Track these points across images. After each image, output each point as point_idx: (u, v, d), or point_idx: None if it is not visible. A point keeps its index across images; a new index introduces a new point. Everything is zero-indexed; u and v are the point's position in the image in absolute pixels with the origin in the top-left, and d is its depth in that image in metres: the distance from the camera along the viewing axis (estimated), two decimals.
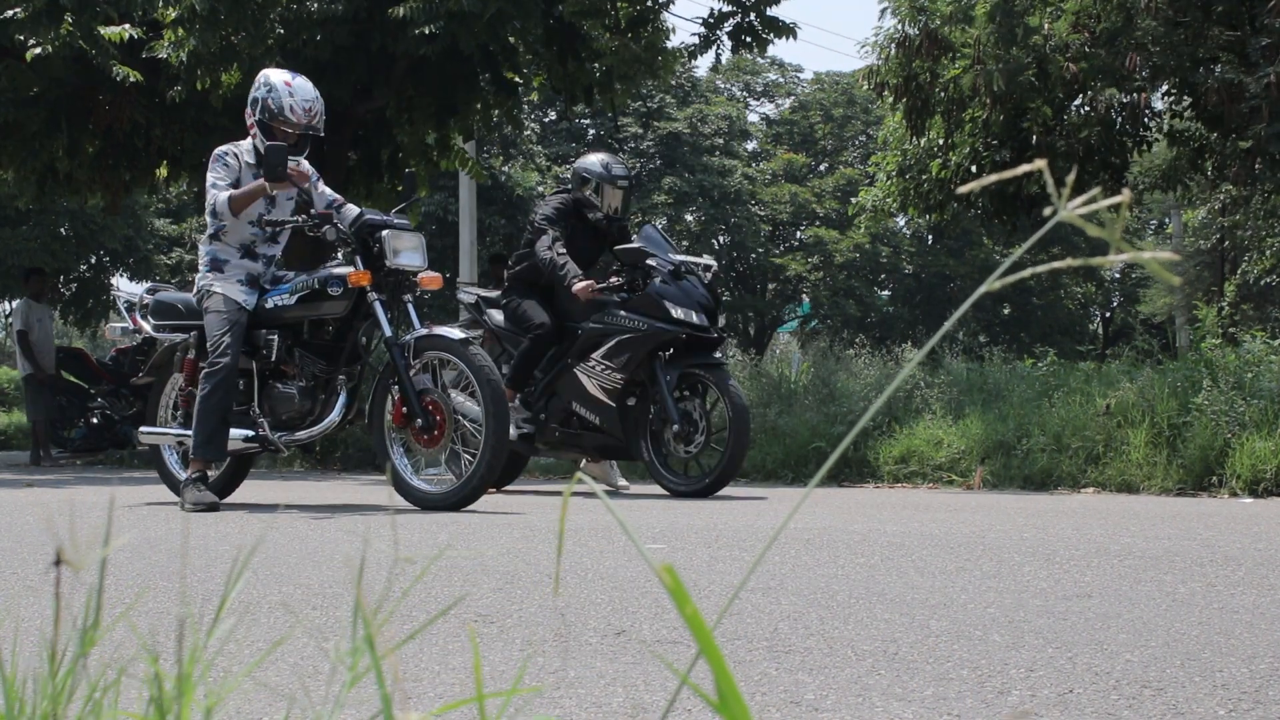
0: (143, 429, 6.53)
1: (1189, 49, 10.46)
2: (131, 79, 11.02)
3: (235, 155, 5.97)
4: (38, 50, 10.55)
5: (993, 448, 7.92)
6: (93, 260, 24.73)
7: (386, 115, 12.76)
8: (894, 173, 13.24)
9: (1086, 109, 11.73)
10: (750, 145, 41.97)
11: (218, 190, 5.87)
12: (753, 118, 44.10)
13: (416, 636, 0.88)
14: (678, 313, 6.89)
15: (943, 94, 11.74)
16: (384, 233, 5.72)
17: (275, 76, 6.03)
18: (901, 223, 36.93)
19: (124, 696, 0.98)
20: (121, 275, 25.40)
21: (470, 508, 5.64)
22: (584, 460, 7.70)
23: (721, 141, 37.30)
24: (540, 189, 30.30)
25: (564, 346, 7.23)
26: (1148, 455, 7.23)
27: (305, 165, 6.10)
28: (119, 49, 10.90)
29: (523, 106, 13.80)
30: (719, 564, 3.48)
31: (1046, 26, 11.25)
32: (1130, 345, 10.20)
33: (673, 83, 25.13)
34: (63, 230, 22.98)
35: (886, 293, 41.57)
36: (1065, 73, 10.95)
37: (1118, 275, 39.74)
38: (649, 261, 7.08)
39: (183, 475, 6.31)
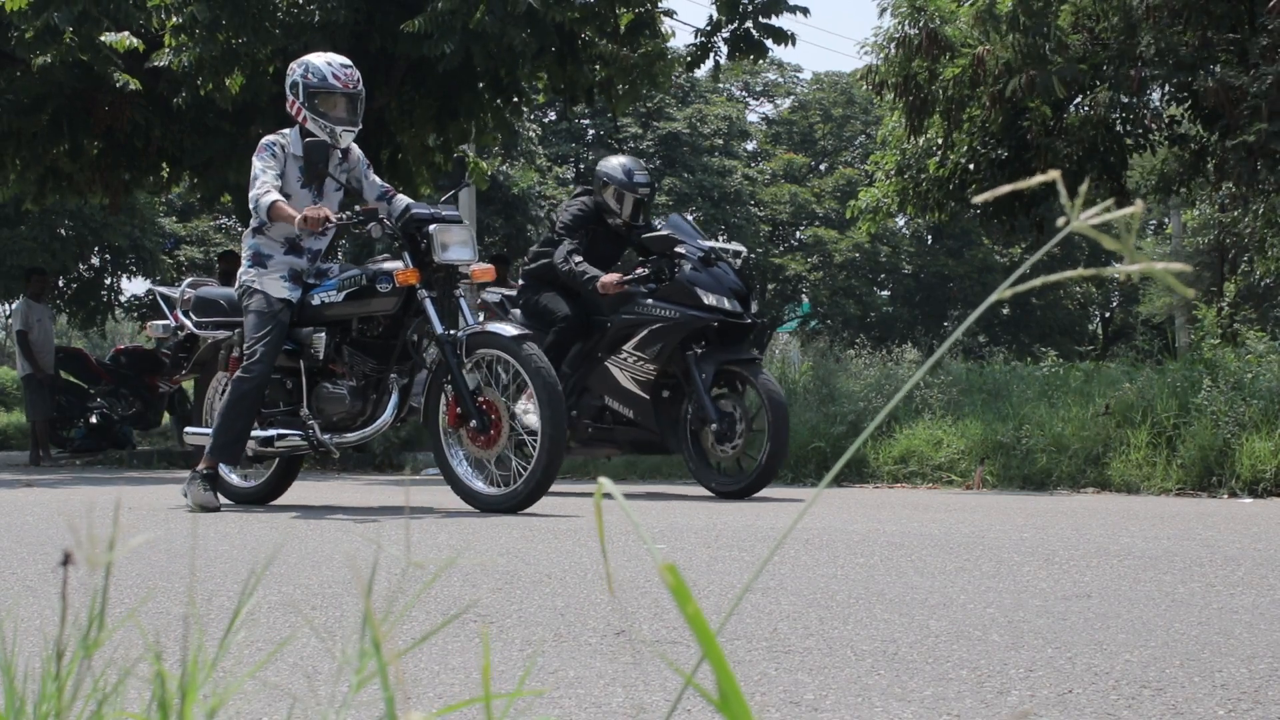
0: (187, 429, 6.29)
1: (1191, 56, 10.46)
2: (132, 86, 11.04)
3: (281, 147, 5.77)
4: (41, 61, 10.57)
5: (993, 448, 7.92)
6: (94, 261, 24.72)
7: (385, 116, 12.77)
8: (892, 172, 13.25)
9: (1086, 109, 11.73)
10: (750, 145, 41.99)
11: (264, 187, 5.63)
12: (752, 118, 44.12)
13: (422, 639, 0.89)
14: (710, 299, 6.65)
15: (941, 93, 11.74)
16: (431, 227, 5.50)
17: (306, 57, 5.89)
18: (901, 223, 36.95)
19: (126, 697, 0.99)
20: (127, 277, 25.39)
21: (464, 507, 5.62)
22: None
23: (721, 141, 37.31)
24: (540, 189, 30.29)
25: (592, 341, 7.02)
26: (1148, 455, 7.23)
27: (356, 151, 5.92)
28: (121, 57, 10.93)
29: (521, 112, 13.78)
30: (719, 564, 3.48)
31: (1050, 25, 11.26)
32: (1130, 345, 10.22)
33: (673, 81, 25.18)
34: (62, 230, 22.98)
35: (886, 293, 41.59)
36: (1065, 75, 10.95)
37: (1117, 275, 39.70)
38: (678, 249, 6.83)
39: (231, 477, 6.21)
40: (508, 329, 5.46)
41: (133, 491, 7.53)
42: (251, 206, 5.68)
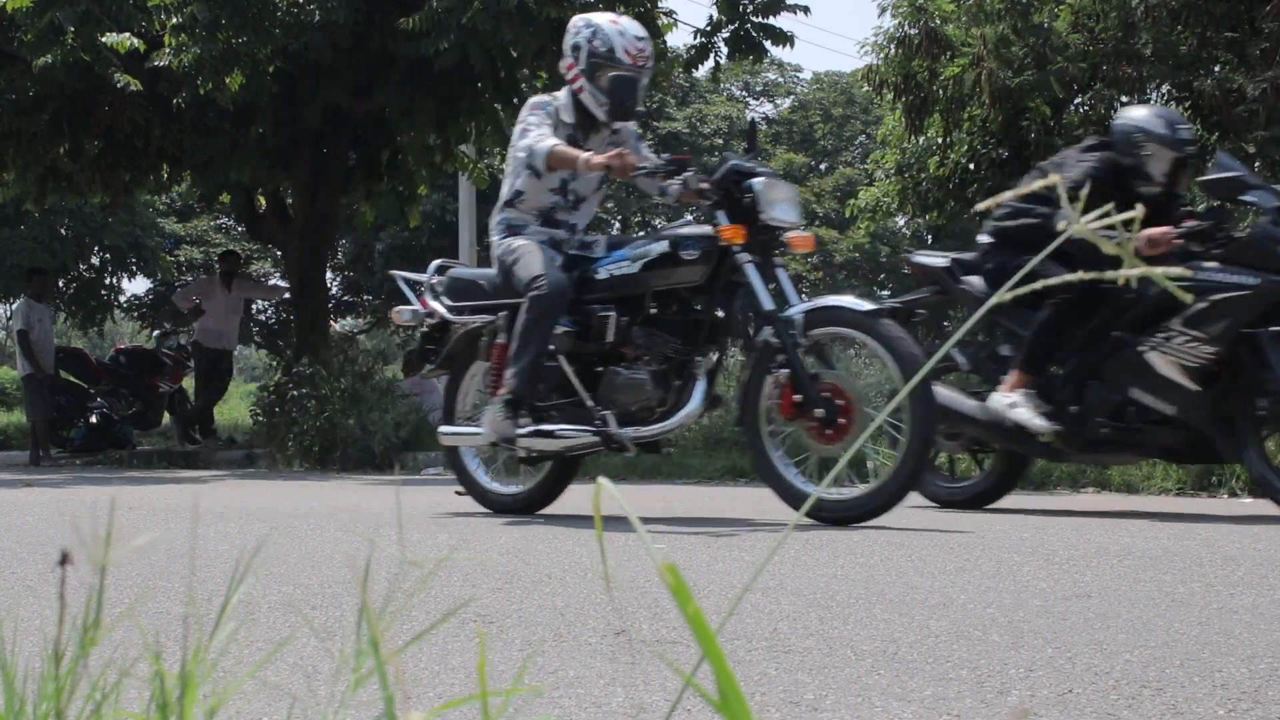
0: (442, 428, 5.50)
1: (1190, 57, 10.48)
2: (133, 87, 11.05)
3: (554, 108, 5.11)
4: (42, 62, 10.58)
5: None
6: (94, 261, 24.74)
7: (385, 116, 12.77)
8: (892, 171, 13.26)
9: (1085, 109, 11.74)
10: None
11: (540, 135, 4.97)
12: (752, 117, 44.09)
13: (417, 637, 0.88)
14: None
15: (941, 92, 11.76)
16: (756, 181, 4.74)
17: (597, 18, 5.19)
18: (901, 222, 36.95)
19: (125, 696, 0.99)
20: (127, 277, 25.42)
21: (461, 509, 5.61)
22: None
23: (721, 141, 37.30)
24: None
25: (1098, 318, 5.48)
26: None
27: (631, 126, 5.28)
28: (121, 57, 10.94)
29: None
30: (719, 564, 3.48)
31: (1046, 25, 11.28)
32: None
33: (672, 81, 25.28)
34: (63, 230, 23.01)
35: (886, 293, 41.58)
36: (1065, 74, 10.96)
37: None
38: (1247, 196, 5.38)
39: (488, 481, 5.51)
40: (858, 302, 4.69)
41: (133, 491, 7.52)
42: (514, 173, 5.09)
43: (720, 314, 4.92)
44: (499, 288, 5.19)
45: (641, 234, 4.97)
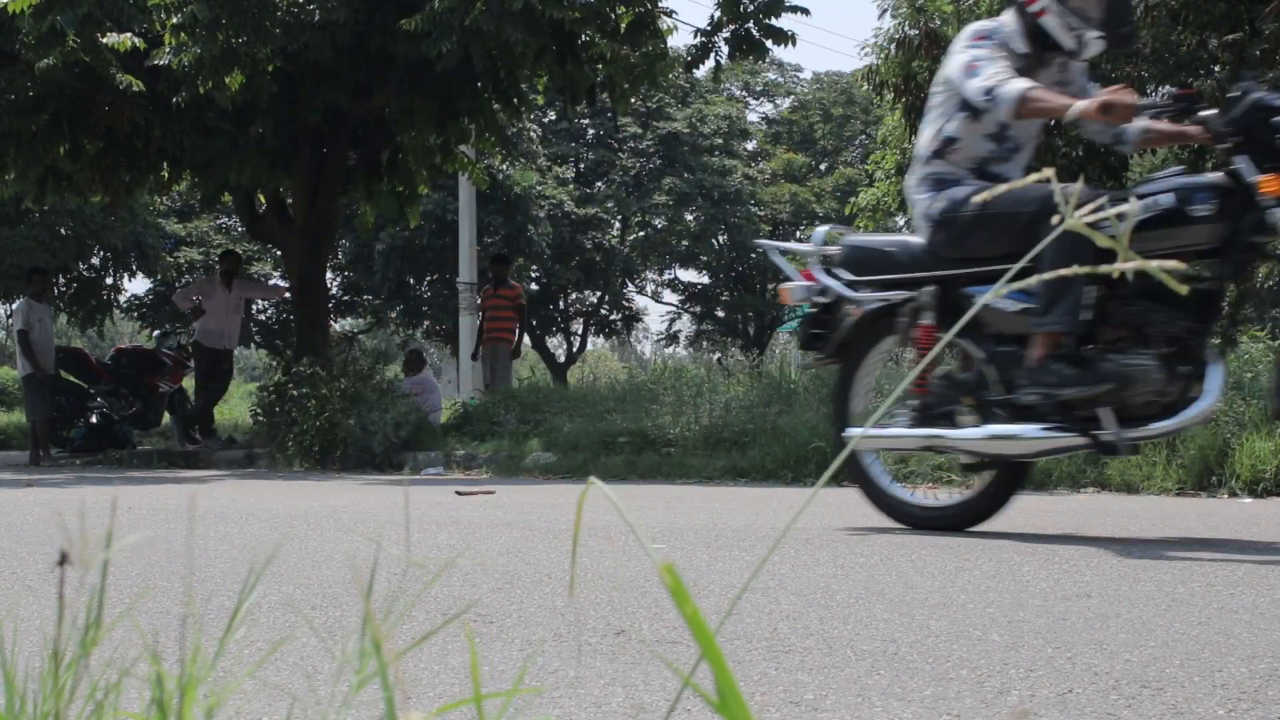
0: (849, 430, 4.60)
1: (1189, 57, 10.50)
2: (135, 88, 11.06)
3: (1002, 37, 4.28)
4: (43, 63, 10.58)
5: None
6: (94, 261, 24.76)
7: (386, 116, 12.77)
8: (892, 171, 13.28)
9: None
10: (750, 145, 42.00)
11: (1002, 75, 4.13)
12: (752, 117, 44.11)
13: (422, 639, 0.88)
14: None
15: None
16: None
17: None
18: (901, 223, 36.93)
19: (125, 696, 0.99)
20: (128, 277, 25.46)
21: (470, 507, 5.61)
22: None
23: (721, 141, 37.32)
24: (540, 189, 30.29)
25: None
26: (1148, 455, 7.23)
27: (1078, 64, 4.42)
28: (120, 57, 10.94)
29: (520, 113, 13.79)
30: (718, 564, 3.48)
31: None
32: None
33: (673, 80, 25.31)
34: (63, 230, 23.02)
35: None
36: None
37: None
38: None
39: (903, 492, 4.69)
40: None
41: (133, 491, 7.52)
42: (981, 100, 4.16)
43: (1231, 284, 4.06)
44: (919, 257, 4.37)
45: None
